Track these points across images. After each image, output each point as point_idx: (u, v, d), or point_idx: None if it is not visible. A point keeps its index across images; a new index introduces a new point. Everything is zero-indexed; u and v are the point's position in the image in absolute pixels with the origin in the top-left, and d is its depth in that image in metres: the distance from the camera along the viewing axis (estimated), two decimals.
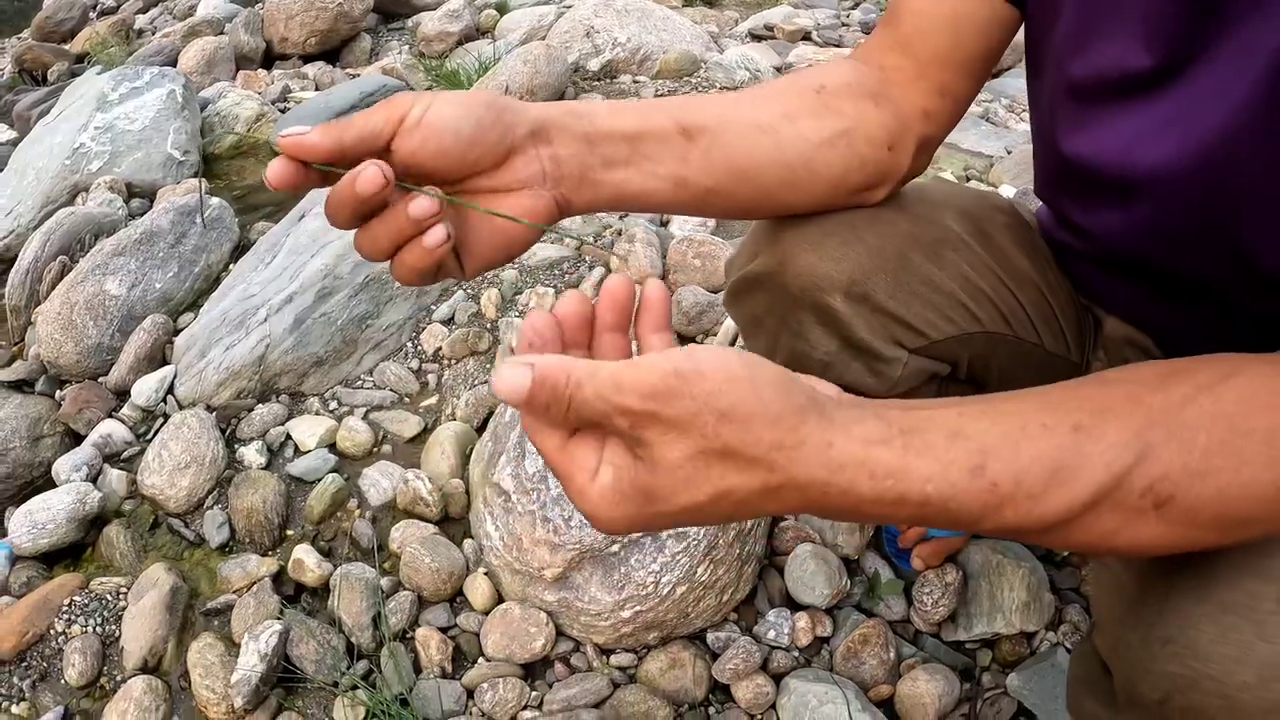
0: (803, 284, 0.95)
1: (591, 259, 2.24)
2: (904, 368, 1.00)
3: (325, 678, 1.49)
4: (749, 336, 1.08)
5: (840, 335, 0.98)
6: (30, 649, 1.61)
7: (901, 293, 0.96)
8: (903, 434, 0.56)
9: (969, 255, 1.00)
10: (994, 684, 1.45)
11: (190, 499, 1.80)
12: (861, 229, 0.94)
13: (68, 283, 2.28)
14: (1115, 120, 0.81)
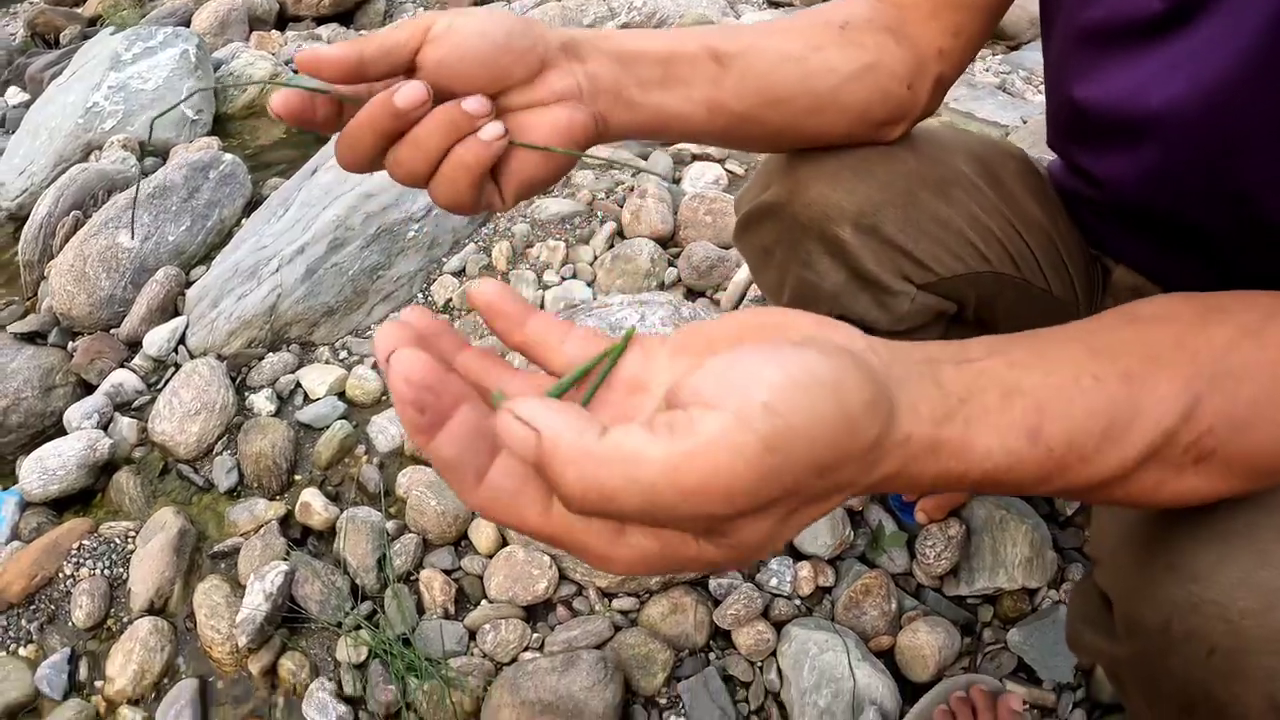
0: (812, 213, 0.96)
1: (603, 213, 2.24)
2: (911, 303, 1.01)
3: (329, 618, 1.51)
4: (758, 269, 1.09)
5: (848, 267, 0.98)
6: (39, 592, 1.64)
7: (910, 228, 0.97)
8: (961, 402, 0.49)
9: (978, 197, 1.01)
10: (994, 639, 1.45)
11: (200, 445, 1.82)
12: (872, 164, 0.95)
13: (81, 236, 2.30)
14: (1125, 64, 0.81)
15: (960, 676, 1.38)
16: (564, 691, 1.34)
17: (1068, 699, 1.38)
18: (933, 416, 0.48)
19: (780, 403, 0.39)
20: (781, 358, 0.42)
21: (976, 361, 0.52)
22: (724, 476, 0.38)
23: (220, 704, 1.49)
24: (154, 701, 1.49)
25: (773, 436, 0.39)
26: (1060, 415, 0.51)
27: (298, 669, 1.47)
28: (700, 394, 0.40)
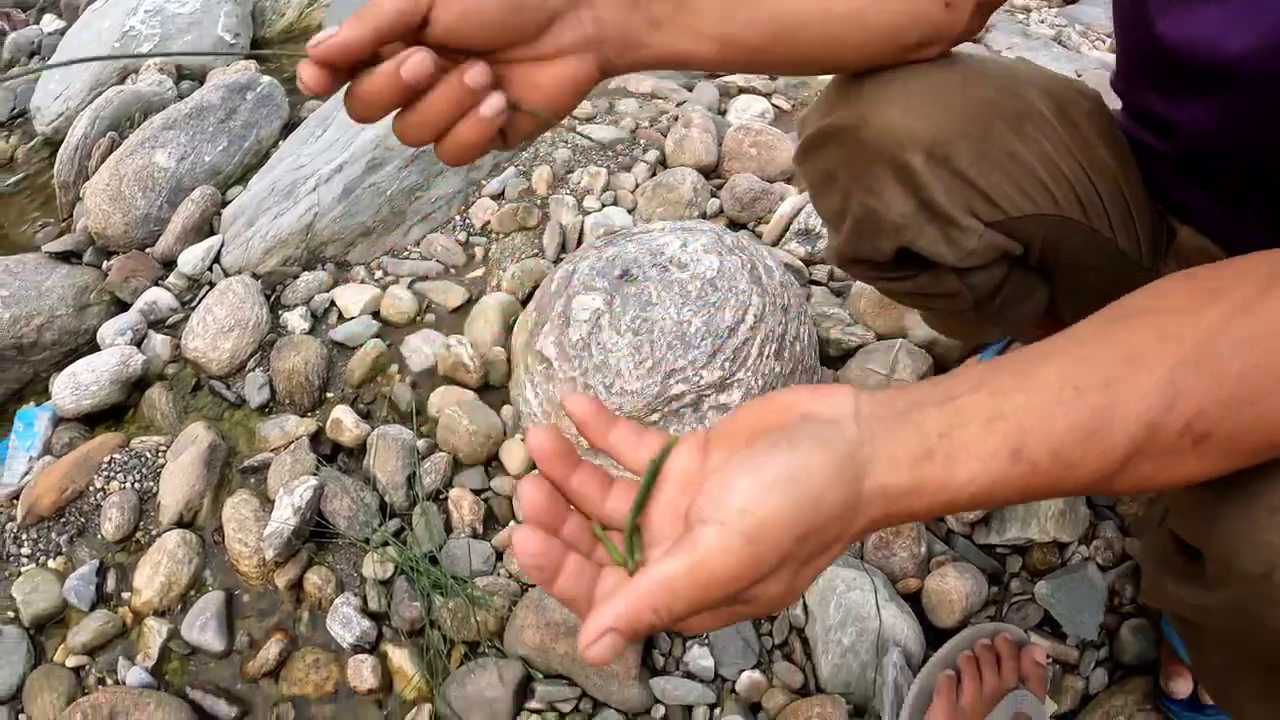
0: (883, 139, 0.92)
1: (645, 142, 2.21)
2: (979, 240, 0.97)
3: (357, 534, 1.51)
4: (820, 194, 1.06)
5: (917, 197, 0.95)
6: (68, 506, 1.65)
7: (983, 162, 0.93)
8: (941, 438, 0.55)
9: (1051, 134, 0.97)
10: (1021, 590, 1.44)
11: (233, 361, 1.82)
12: (949, 91, 0.92)
13: (117, 156, 2.30)
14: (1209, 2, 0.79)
15: (987, 624, 1.37)
16: None
17: (1090, 656, 1.37)
18: (910, 460, 0.55)
19: (751, 504, 0.51)
20: (754, 465, 0.53)
21: (960, 398, 0.57)
22: (723, 569, 0.50)
23: (245, 616, 1.50)
24: (180, 613, 1.50)
25: (750, 531, 0.50)
26: (1042, 433, 0.55)
27: (323, 583, 1.47)
28: (702, 512, 0.52)
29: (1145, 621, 1.38)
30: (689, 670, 1.36)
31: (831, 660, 1.33)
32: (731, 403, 1.40)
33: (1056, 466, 0.56)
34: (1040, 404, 0.56)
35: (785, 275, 1.59)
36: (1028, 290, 1.14)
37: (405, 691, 1.38)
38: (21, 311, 1.96)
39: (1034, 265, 1.08)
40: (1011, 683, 1.26)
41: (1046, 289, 1.15)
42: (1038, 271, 1.11)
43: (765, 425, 0.58)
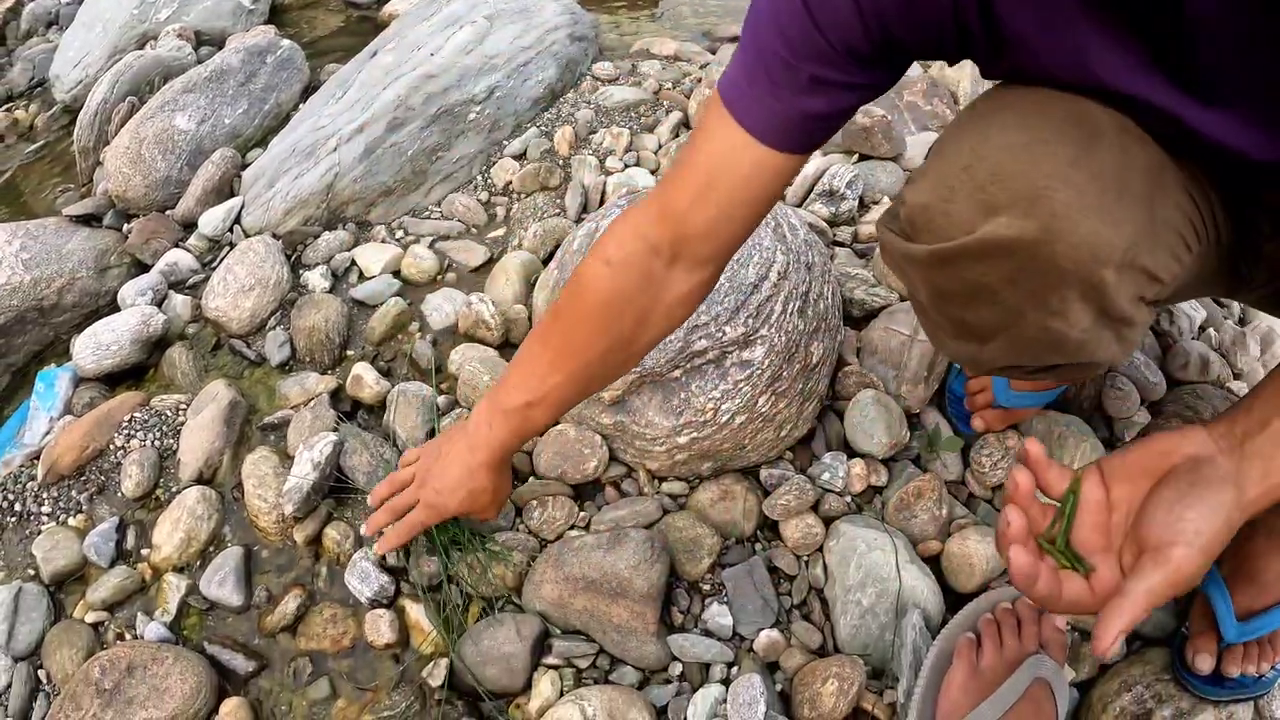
0: (1079, 257, 0.83)
1: (668, 103, 2.21)
2: (1142, 328, 0.93)
3: None
4: (961, 305, 0.96)
5: (1100, 308, 0.88)
6: (89, 464, 1.67)
7: (1150, 243, 0.86)
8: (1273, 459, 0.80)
9: (1174, 174, 0.90)
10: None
11: (253, 320, 1.84)
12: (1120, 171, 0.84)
13: (137, 119, 2.31)
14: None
15: (1007, 589, 1.37)
16: (609, 569, 1.34)
17: None
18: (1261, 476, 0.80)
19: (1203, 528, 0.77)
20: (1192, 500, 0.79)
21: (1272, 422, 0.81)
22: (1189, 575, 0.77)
23: (264, 572, 1.51)
24: (199, 569, 1.52)
25: (1206, 545, 0.77)
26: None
27: (342, 539, 1.49)
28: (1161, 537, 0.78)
29: None
30: (707, 628, 1.37)
31: (850, 621, 1.34)
32: (754, 359, 1.41)
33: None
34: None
35: (809, 234, 1.59)
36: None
37: (422, 646, 1.39)
38: (42, 274, 1.99)
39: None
40: (1032, 647, 1.26)
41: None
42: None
43: (1160, 466, 0.82)
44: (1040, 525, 0.85)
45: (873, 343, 1.60)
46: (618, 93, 2.25)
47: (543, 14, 2.41)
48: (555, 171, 2.04)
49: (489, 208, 2.05)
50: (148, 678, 1.35)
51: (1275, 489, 0.80)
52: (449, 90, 2.15)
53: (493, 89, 2.19)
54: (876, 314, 1.66)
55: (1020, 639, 1.27)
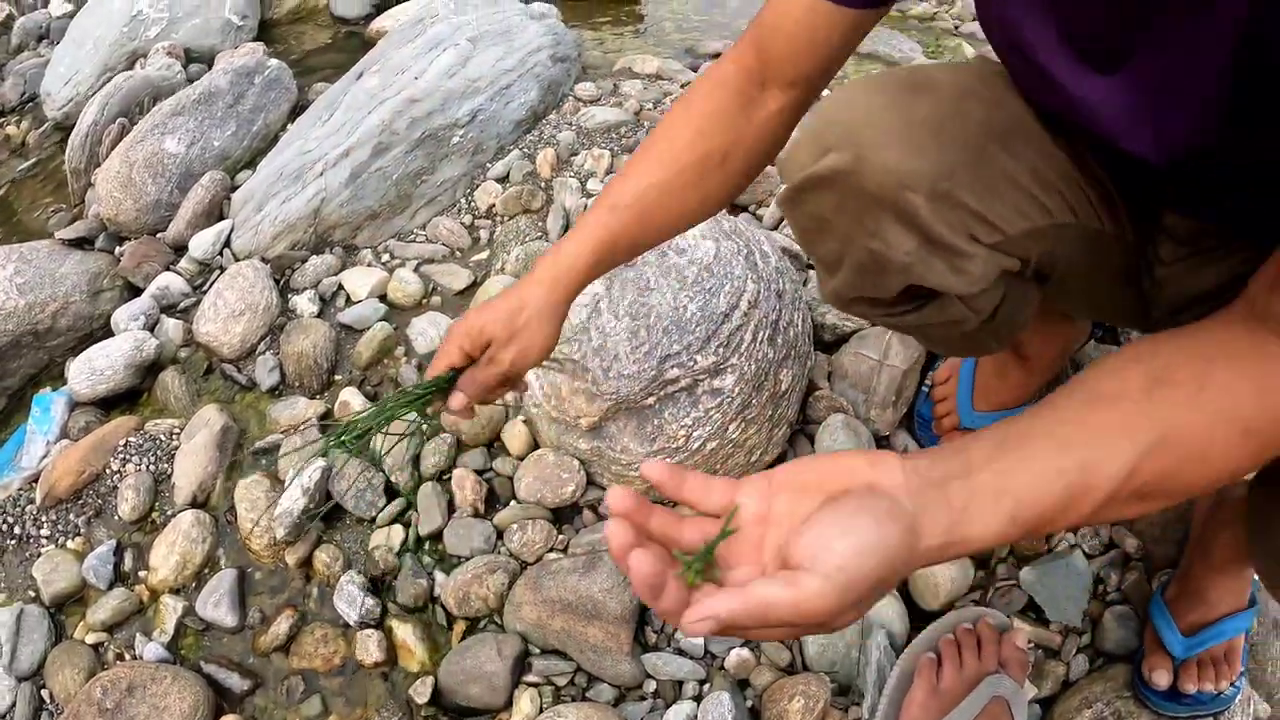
0: (883, 182, 0.95)
1: (649, 124, 2.29)
2: (983, 264, 1.01)
3: (364, 513, 1.61)
4: (811, 239, 1.10)
5: (921, 234, 0.98)
6: (86, 488, 1.75)
7: (980, 187, 0.97)
8: (963, 511, 0.73)
9: (1039, 143, 1.01)
10: (1007, 575, 1.50)
11: (243, 345, 1.92)
12: (943, 122, 0.96)
13: (127, 142, 2.39)
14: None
15: (970, 609, 1.43)
16: (584, 592, 1.42)
17: (1073, 643, 1.43)
18: (945, 529, 0.72)
19: (848, 564, 0.66)
20: (847, 528, 0.69)
21: (974, 474, 0.74)
22: (816, 611, 0.65)
23: (257, 593, 1.60)
24: (195, 591, 1.60)
25: (844, 586, 0.66)
26: (1033, 504, 0.73)
27: (332, 561, 1.57)
28: (803, 560, 0.67)
29: (1129, 609, 1.44)
30: (680, 647, 1.44)
31: (818, 640, 1.41)
32: (725, 387, 1.49)
33: (1040, 524, 0.74)
34: (1033, 483, 0.74)
35: (781, 260, 1.67)
36: (1025, 300, 1.20)
37: (409, 665, 1.47)
38: (37, 298, 2.07)
39: (1030, 277, 1.13)
40: (991, 667, 1.33)
41: (1038, 292, 1.21)
42: (1035, 279, 1.16)
43: (832, 485, 0.74)
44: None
45: (843, 367, 1.68)
46: (599, 114, 2.32)
47: (525, 35, 2.48)
48: (537, 194, 2.12)
49: (473, 231, 2.13)
50: (148, 697, 1.43)
51: (957, 545, 0.73)
52: (433, 114, 2.22)
53: (475, 112, 2.26)
54: (848, 338, 1.73)
55: (980, 659, 1.33)
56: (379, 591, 1.55)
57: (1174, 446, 0.75)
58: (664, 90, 2.44)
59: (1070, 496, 0.74)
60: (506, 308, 1.16)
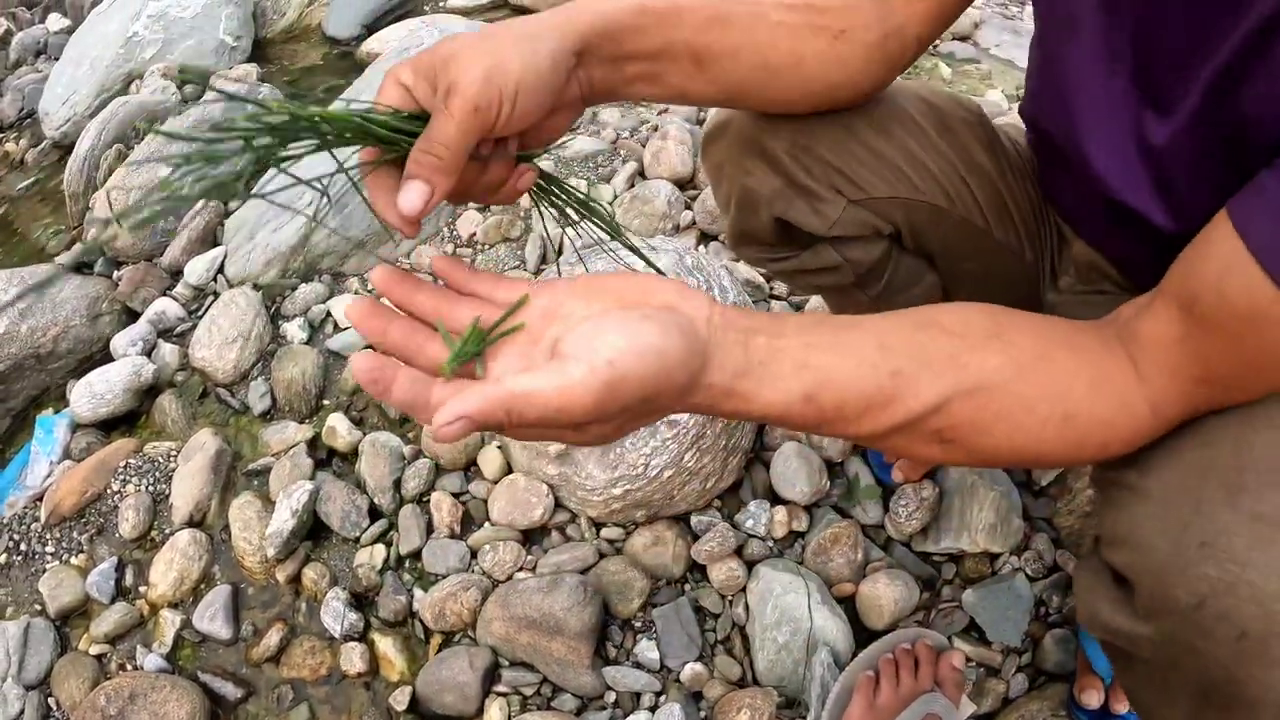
0: (752, 130, 1.13)
1: (625, 153, 2.42)
2: (842, 211, 1.16)
3: (349, 533, 1.74)
4: (715, 185, 1.26)
5: (784, 176, 1.14)
6: (89, 507, 1.88)
7: (842, 150, 1.12)
8: (761, 365, 0.71)
9: (920, 136, 1.15)
10: (952, 597, 1.60)
11: (237, 370, 2.05)
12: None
13: (124, 169, 2.52)
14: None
15: (910, 629, 1.53)
16: (547, 609, 1.55)
17: (1013, 662, 1.53)
18: (734, 372, 0.70)
19: (619, 359, 0.62)
20: (629, 328, 0.65)
21: (784, 338, 0.72)
22: (578, 402, 0.61)
23: (250, 608, 1.73)
24: (192, 605, 1.74)
25: (612, 380, 0.62)
26: (835, 388, 0.72)
27: (319, 578, 1.71)
28: (575, 349, 0.64)
29: (1068, 632, 1.52)
30: (638, 661, 1.57)
31: (767, 656, 1.53)
32: (681, 419, 1.61)
33: (837, 418, 0.73)
34: (841, 367, 0.72)
35: (740, 294, 1.79)
36: (914, 275, 1.31)
37: (389, 675, 1.61)
38: (38, 322, 2.19)
39: (912, 249, 1.25)
40: (926, 685, 1.42)
41: (935, 276, 1.32)
42: (917, 253, 1.27)
43: (632, 298, 0.70)
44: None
45: None
46: (577, 143, 2.44)
47: None
48: (516, 222, 2.25)
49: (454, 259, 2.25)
50: (148, 705, 1.56)
51: (742, 398, 0.70)
52: None
53: None
54: None
55: (916, 677, 1.43)
56: (362, 607, 1.68)
57: (992, 399, 0.74)
58: (640, 118, 2.57)
59: (875, 398, 0.73)
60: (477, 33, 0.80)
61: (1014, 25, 3.42)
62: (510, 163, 0.83)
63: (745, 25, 0.95)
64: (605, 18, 0.87)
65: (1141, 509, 0.77)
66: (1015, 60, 3.09)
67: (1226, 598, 0.68)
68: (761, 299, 2.01)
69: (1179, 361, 0.74)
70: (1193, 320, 0.73)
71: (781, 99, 1.04)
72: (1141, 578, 0.76)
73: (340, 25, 3.36)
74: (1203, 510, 0.72)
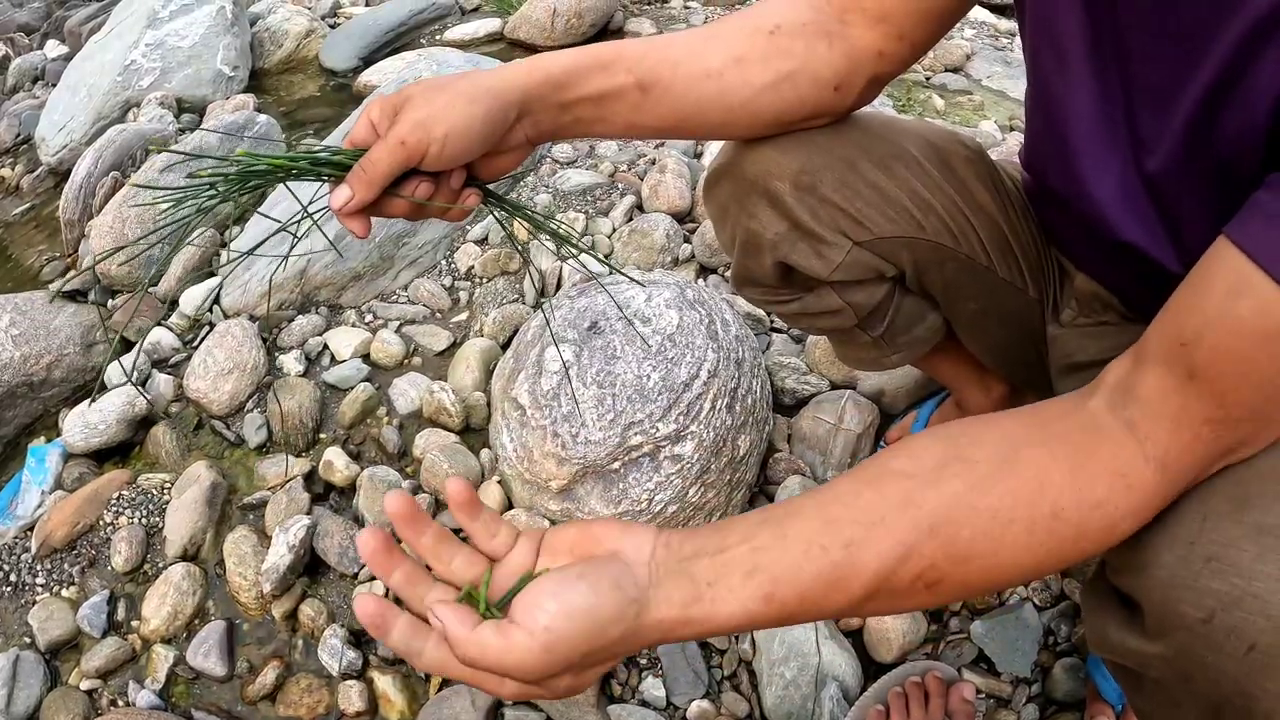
0: (756, 170, 1.12)
1: (623, 186, 2.40)
2: (846, 254, 1.15)
3: (346, 569, 1.70)
4: (718, 227, 1.26)
5: (788, 219, 1.14)
6: (80, 539, 1.84)
7: (846, 190, 1.12)
8: (709, 586, 0.73)
9: (922, 175, 1.14)
10: (959, 628, 1.58)
11: (232, 402, 2.01)
12: (816, 134, 1.11)
13: (120, 197, 2.49)
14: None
15: (920, 662, 1.51)
16: None
17: (1023, 692, 1.50)
18: (682, 602, 0.72)
19: (552, 624, 0.68)
20: (561, 592, 0.70)
21: (729, 550, 0.74)
22: (520, 665, 0.68)
23: (245, 644, 1.69)
24: (185, 640, 1.69)
25: (547, 644, 0.68)
26: (791, 582, 0.72)
27: (316, 615, 1.66)
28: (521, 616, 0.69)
29: (1078, 660, 1.51)
30: (644, 699, 1.54)
31: (775, 692, 1.50)
32: (684, 453, 1.59)
33: (804, 606, 0.73)
34: (791, 560, 0.73)
35: (743, 328, 1.77)
36: (916, 315, 1.32)
37: (389, 715, 1.57)
38: (32, 350, 2.15)
39: (917, 291, 1.26)
40: (937, 718, 1.40)
41: (938, 315, 1.33)
42: (921, 294, 1.28)
43: (582, 549, 0.76)
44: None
45: (802, 430, 1.78)
46: (575, 176, 2.42)
47: None
48: (514, 257, 2.23)
49: (452, 292, 2.23)
50: None
51: (700, 622, 0.72)
52: None
53: None
54: (807, 401, 1.84)
55: (927, 711, 1.41)
56: (361, 644, 1.64)
57: (958, 528, 0.72)
58: (638, 151, 2.55)
59: (833, 577, 0.72)
60: (438, 80, 0.94)
61: (1004, 56, 3.44)
62: (453, 192, 0.97)
63: (690, 41, 1.04)
64: (550, 71, 0.98)
65: (1148, 527, 0.76)
66: (1007, 91, 3.11)
67: (1234, 611, 0.69)
68: (762, 331, 1.99)
69: (1185, 407, 0.72)
70: (1200, 357, 0.71)
71: (728, 118, 1.07)
72: (1149, 595, 0.76)
73: (337, 57, 3.35)
74: (1208, 524, 0.72)
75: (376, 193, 0.92)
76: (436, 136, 0.89)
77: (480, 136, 0.92)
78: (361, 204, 0.92)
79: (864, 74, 1.05)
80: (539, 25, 3.29)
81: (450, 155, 0.91)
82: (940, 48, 3.30)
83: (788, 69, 1.02)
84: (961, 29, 3.60)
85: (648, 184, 2.34)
